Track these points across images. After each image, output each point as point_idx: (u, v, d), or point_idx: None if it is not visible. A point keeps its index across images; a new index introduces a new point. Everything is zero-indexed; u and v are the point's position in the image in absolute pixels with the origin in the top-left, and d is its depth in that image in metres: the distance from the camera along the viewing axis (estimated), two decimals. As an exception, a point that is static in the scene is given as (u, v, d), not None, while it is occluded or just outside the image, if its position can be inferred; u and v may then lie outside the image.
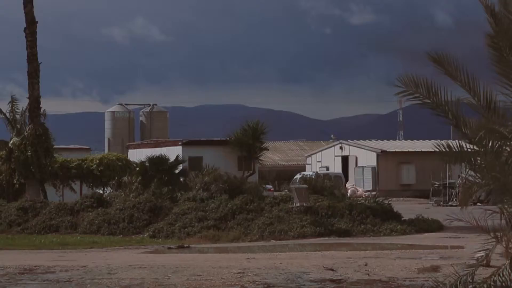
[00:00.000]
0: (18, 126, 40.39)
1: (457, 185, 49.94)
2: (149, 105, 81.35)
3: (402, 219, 32.72)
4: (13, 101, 40.96)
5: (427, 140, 68.50)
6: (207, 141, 57.68)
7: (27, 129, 39.30)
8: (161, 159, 37.22)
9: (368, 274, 18.15)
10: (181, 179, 36.91)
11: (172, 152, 43.32)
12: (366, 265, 19.76)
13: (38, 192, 38.69)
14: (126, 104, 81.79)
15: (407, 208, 40.59)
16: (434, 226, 32.11)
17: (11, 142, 39.54)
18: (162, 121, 79.76)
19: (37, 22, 39.31)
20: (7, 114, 40.69)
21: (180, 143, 54.27)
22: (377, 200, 33.70)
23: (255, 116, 65.91)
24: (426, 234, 30.78)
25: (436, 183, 53.65)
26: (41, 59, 39.44)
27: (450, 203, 49.53)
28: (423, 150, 63.83)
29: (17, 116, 40.75)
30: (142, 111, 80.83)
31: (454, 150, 9.58)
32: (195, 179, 34.85)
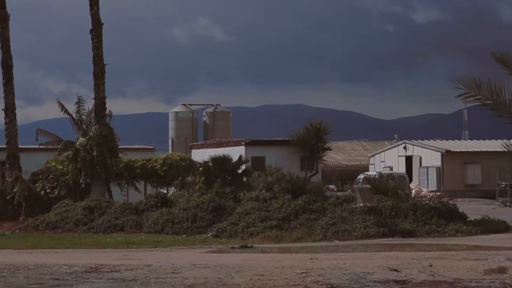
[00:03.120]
0: (84, 127, 41.00)
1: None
2: (212, 105, 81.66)
3: (468, 219, 32.28)
4: (79, 102, 41.60)
5: (493, 140, 67.50)
6: (270, 141, 57.77)
7: (93, 130, 39.85)
8: (224, 159, 37.36)
9: (433, 275, 17.95)
10: (244, 179, 36.99)
11: (235, 152, 43.48)
12: (431, 266, 19.55)
13: (103, 191, 39.19)
14: (189, 105, 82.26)
15: (472, 208, 40.05)
16: (500, 227, 31.62)
17: (78, 142, 40.13)
18: (225, 121, 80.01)
19: (102, 23, 39.88)
20: (74, 115, 41.34)
21: (243, 143, 54.47)
22: (442, 200, 33.30)
23: (318, 116, 65.83)
24: (492, 235, 30.32)
25: (503, 183, 52.79)
26: (106, 60, 40.03)
27: (517, 204, 48.71)
28: (489, 150, 62.93)
29: (83, 117, 41.38)
30: (205, 111, 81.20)
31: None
32: (258, 179, 34.90)
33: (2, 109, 40.29)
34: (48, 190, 39.44)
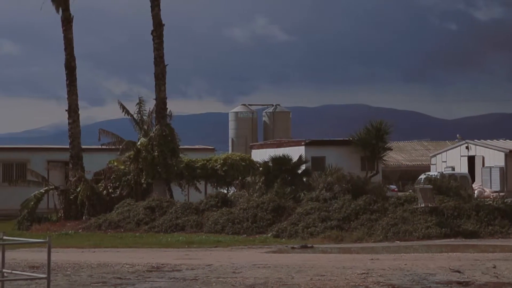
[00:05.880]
0: (145, 127, 41.37)
1: None
2: (272, 105, 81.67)
3: (532, 220, 31.73)
4: (140, 103, 41.97)
5: (558, 139, 66.29)
6: (330, 141, 57.54)
7: (153, 130, 40.21)
8: (284, 159, 37.36)
9: (497, 277, 17.69)
10: (304, 179, 36.94)
11: (295, 152, 43.41)
12: (494, 267, 19.27)
13: (164, 191, 39.51)
14: (249, 105, 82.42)
15: (537, 209, 39.26)
16: None
17: (139, 142, 40.52)
18: (285, 121, 79.92)
19: (163, 24, 40.20)
20: (135, 115, 41.73)
21: (303, 143, 54.35)
22: (505, 201, 32.81)
23: (378, 115, 65.39)
24: (557, 236, 29.74)
25: None
26: (167, 60, 40.33)
27: None
28: (554, 149, 61.75)
29: (144, 117, 41.75)
30: (265, 112, 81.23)
31: None
32: (318, 179, 34.82)
33: (66, 110, 40.90)
34: (110, 190, 39.90)
